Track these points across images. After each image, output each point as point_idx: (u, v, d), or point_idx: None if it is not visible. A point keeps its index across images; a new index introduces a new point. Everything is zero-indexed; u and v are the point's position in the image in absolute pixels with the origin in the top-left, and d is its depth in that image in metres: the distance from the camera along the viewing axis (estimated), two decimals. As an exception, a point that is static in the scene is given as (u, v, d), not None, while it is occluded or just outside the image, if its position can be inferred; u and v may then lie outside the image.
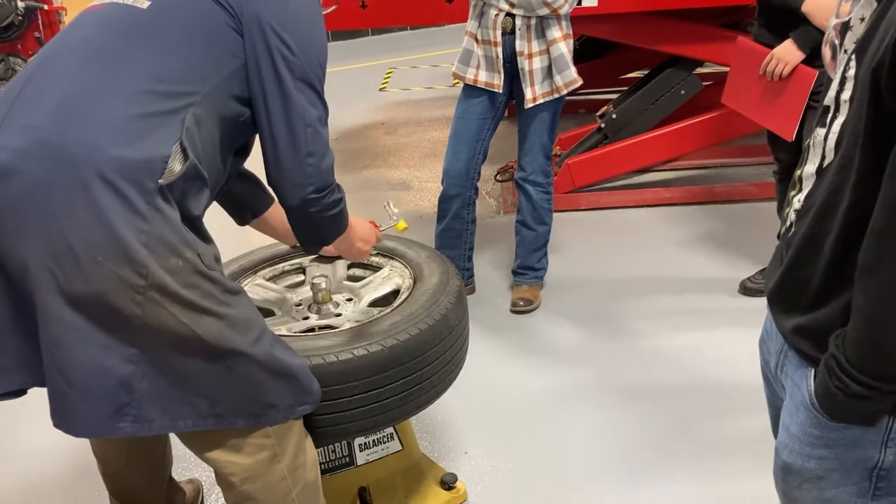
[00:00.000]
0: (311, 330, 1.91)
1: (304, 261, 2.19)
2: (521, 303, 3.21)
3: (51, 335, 1.35)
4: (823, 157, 1.07)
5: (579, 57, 3.02)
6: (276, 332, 1.80)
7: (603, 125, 4.23)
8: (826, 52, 1.11)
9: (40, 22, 4.97)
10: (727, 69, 3.22)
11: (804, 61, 2.70)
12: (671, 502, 2.18)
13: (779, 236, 3.30)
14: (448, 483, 2.21)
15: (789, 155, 2.90)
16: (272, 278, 2.14)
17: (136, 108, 1.36)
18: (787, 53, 2.71)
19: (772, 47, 2.78)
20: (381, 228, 2.06)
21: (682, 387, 2.67)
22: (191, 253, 1.38)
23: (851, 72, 1.00)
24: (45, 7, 4.96)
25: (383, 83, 7.11)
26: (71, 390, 1.36)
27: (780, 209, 3.13)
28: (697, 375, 2.72)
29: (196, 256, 1.39)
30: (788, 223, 1.16)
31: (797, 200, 1.13)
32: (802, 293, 1.09)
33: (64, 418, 1.40)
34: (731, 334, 2.91)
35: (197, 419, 1.45)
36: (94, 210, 1.30)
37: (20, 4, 4.81)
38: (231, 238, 4.24)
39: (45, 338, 1.36)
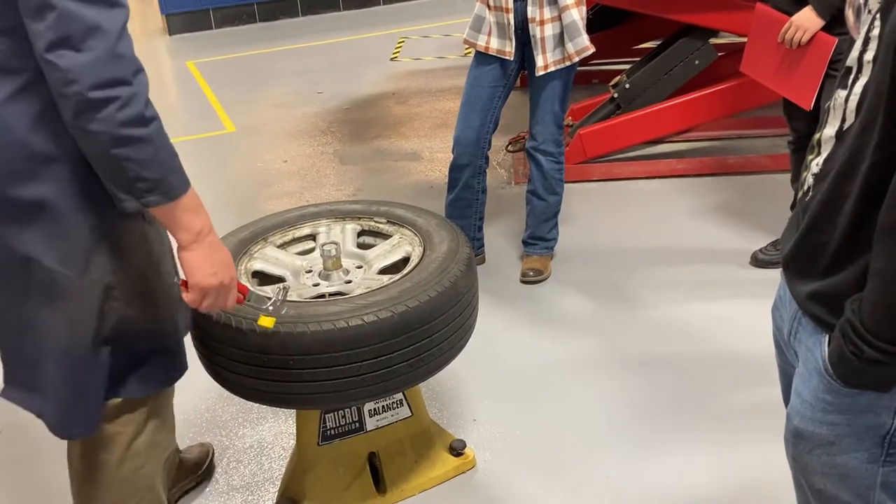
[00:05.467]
0: (322, 296, 1.91)
1: (315, 228, 2.18)
2: (532, 273, 3.20)
3: None
4: (844, 120, 1.05)
5: (592, 27, 2.98)
6: (288, 298, 1.81)
7: (616, 95, 4.19)
8: (849, 13, 1.09)
9: None
10: (742, 39, 3.18)
11: (823, 28, 2.65)
12: (680, 471, 2.19)
13: (792, 207, 3.26)
14: (457, 449, 2.23)
15: (805, 124, 2.87)
16: (282, 245, 2.13)
17: None
18: (806, 21, 2.67)
19: (790, 14, 2.73)
20: (246, 297, 1.61)
21: (691, 357, 2.66)
22: None
23: (876, 31, 0.98)
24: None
25: (395, 53, 7.05)
26: None
27: (795, 179, 3.11)
28: (707, 346, 2.71)
29: None
30: (806, 187, 1.14)
31: (815, 164, 1.12)
32: (819, 258, 1.08)
33: None
34: (742, 305, 2.90)
35: None
36: None
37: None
38: (242, 206, 4.25)
39: None
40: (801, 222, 1.14)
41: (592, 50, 2.91)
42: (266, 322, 1.61)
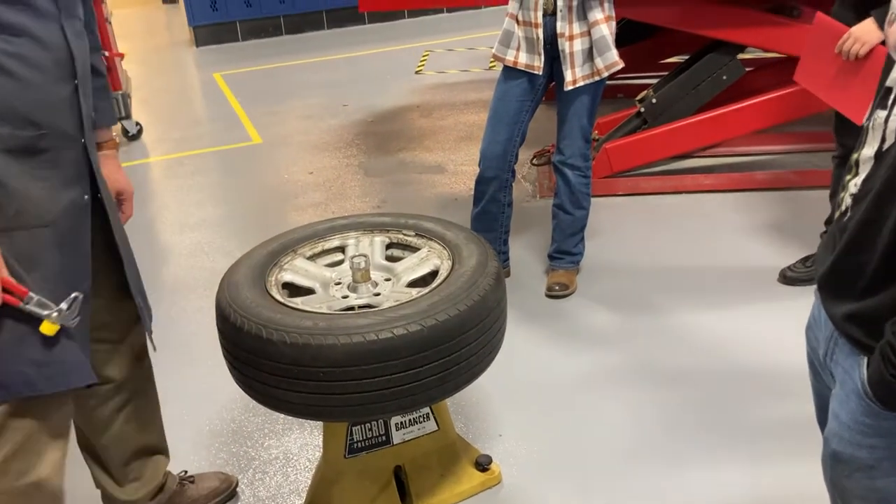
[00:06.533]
0: (351, 308, 1.92)
1: (344, 240, 2.19)
2: (557, 287, 3.19)
3: None
4: (884, 140, 1.05)
5: (619, 41, 2.97)
6: (317, 310, 1.82)
7: (642, 110, 4.18)
8: (890, 31, 1.08)
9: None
10: (770, 55, 3.13)
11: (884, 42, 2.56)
12: (707, 487, 2.17)
13: (828, 222, 3.20)
14: (483, 465, 2.22)
15: (855, 140, 2.80)
16: (312, 257, 2.15)
17: None
18: (867, 33, 2.56)
19: (851, 26, 2.65)
20: (24, 300, 1.50)
21: (718, 373, 2.64)
22: None
23: None
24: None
25: (419, 66, 7.09)
26: None
27: (833, 195, 3.06)
28: (734, 362, 2.69)
29: None
30: (844, 207, 1.13)
31: (853, 184, 1.11)
32: (857, 279, 1.07)
33: None
34: (770, 323, 2.87)
35: None
36: None
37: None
38: (268, 216, 4.29)
39: None
40: (837, 242, 1.13)
41: (622, 65, 2.91)
42: (47, 329, 1.53)
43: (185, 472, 2.23)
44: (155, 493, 2.08)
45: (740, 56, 4.14)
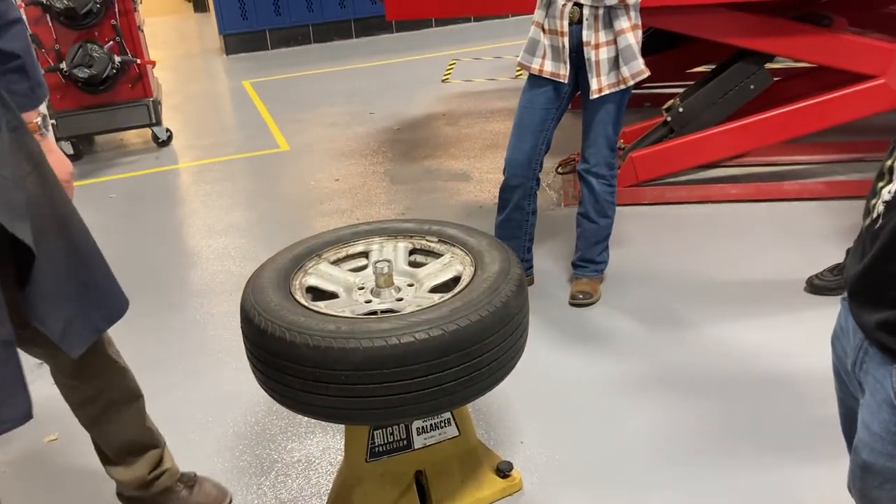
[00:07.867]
0: (374, 313, 1.93)
1: (368, 245, 2.21)
2: (581, 296, 3.18)
3: None
4: None
5: (645, 50, 2.97)
6: (340, 314, 1.84)
7: (669, 119, 4.16)
8: None
9: (116, 10, 5.13)
10: (798, 64, 3.10)
11: None
12: (731, 496, 2.15)
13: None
14: (504, 471, 2.22)
15: None
16: (336, 261, 2.16)
17: None
18: None
19: None
20: None
21: (741, 382, 2.62)
22: None
23: None
24: (122, -4, 5.12)
25: (445, 75, 7.12)
26: None
27: None
28: (759, 371, 2.66)
29: None
30: (875, 214, 1.12)
31: (887, 192, 1.09)
32: (890, 287, 1.06)
33: None
34: (797, 331, 2.84)
35: None
36: None
37: (97, -7, 4.96)
38: (295, 222, 4.32)
39: None
40: (867, 250, 1.11)
41: (647, 74, 2.90)
42: None
43: (195, 473, 2.24)
44: (142, 482, 2.11)
45: (768, 65, 4.11)
